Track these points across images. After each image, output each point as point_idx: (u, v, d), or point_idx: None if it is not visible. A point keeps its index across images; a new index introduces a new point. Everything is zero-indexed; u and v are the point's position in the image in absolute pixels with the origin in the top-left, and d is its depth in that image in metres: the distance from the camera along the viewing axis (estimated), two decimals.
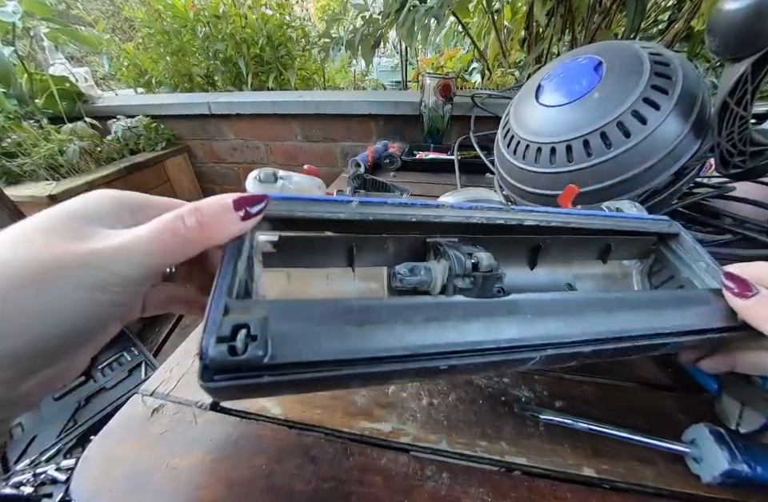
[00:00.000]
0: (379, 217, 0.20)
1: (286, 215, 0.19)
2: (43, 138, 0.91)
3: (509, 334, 0.16)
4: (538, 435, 0.24)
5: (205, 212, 0.16)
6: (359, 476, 0.23)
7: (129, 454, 0.25)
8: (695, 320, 0.20)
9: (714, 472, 0.20)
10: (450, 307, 0.17)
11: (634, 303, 0.20)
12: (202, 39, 1.31)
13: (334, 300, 0.16)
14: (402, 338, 0.15)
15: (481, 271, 0.19)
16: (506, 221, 0.23)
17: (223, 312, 0.13)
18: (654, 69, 0.39)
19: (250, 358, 0.12)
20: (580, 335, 0.17)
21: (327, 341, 0.14)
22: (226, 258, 0.16)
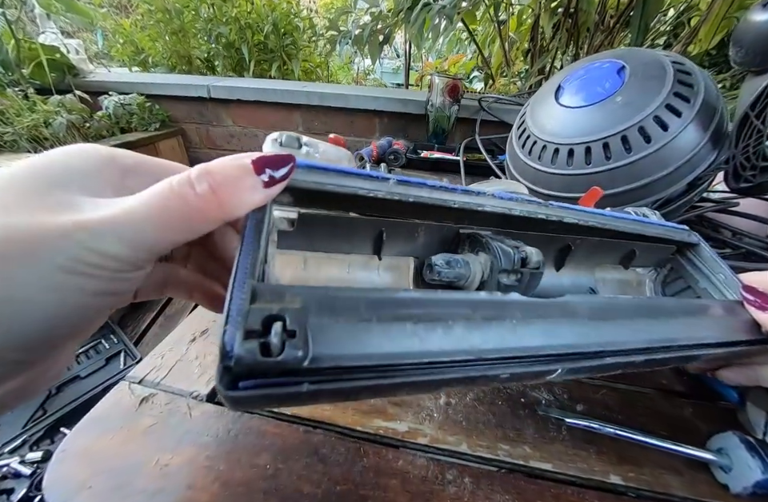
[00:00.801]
0: (419, 200, 0.18)
1: (314, 187, 0.16)
2: (28, 108, 0.85)
3: (568, 339, 0.14)
4: (561, 439, 0.23)
5: (219, 175, 0.12)
6: (374, 479, 0.21)
7: (113, 448, 0.22)
8: (724, 331, 0.19)
9: (746, 483, 0.20)
10: (508, 306, 0.15)
11: (675, 311, 0.19)
12: (205, 21, 1.27)
13: (379, 290, 0.13)
14: (463, 340, 0.12)
15: (529, 267, 0.18)
16: (547, 216, 0.21)
17: (250, 299, 0.10)
18: (677, 77, 0.39)
19: (287, 359, 0.09)
20: (636, 342, 0.16)
21: (377, 341, 0.11)
22: (248, 233, 0.13)
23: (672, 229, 0.26)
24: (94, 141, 0.94)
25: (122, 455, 0.22)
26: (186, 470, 0.21)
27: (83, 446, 0.23)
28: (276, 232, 0.18)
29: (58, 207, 0.11)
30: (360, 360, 0.11)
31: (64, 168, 0.12)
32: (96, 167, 0.13)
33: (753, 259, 0.44)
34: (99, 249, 0.11)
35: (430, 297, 0.14)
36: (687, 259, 0.28)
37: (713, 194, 0.55)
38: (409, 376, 0.11)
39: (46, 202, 0.11)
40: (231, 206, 0.13)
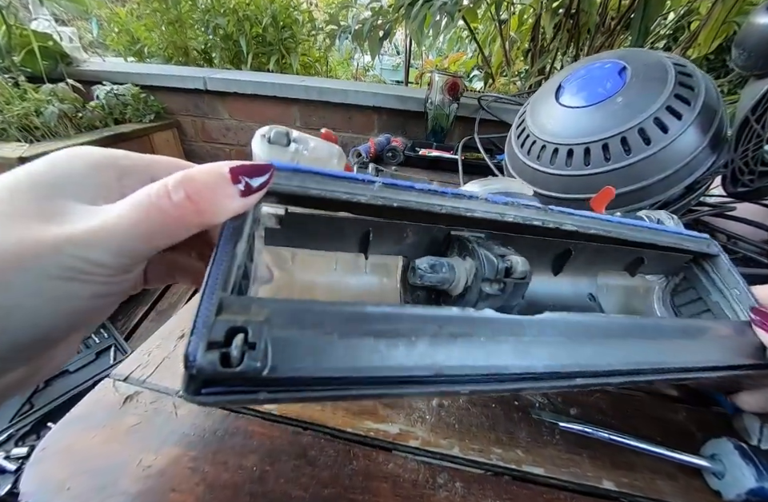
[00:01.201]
0: (404, 205, 0.17)
1: (298, 192, 0.16)
2: (18, 96, 0.83)
3: (540, 360, 0.14)
4: (554, 443, 0.23)
5: (196, 183, 0.13)
6: (364, 482, 0.20)
7: (95, 447, 0.22)
8: (724, 354, 0.19)
9: (739, 490, 0.20)
10: (479, 322, 0.14)
11: (666, 331, 0.19)
12: (203, 11, 1.24)
13: (350, 304, 0.13)
14: (425, 357, 0.12)
15: (513, 277, 0.17)
16: (543, 223, 0.20)
17: (216, 311, 0.11)
18: (679, 79, 0.39)
19: (246, 370, 0.10)
20: (614, 364, 0.16)
21: (338, 354, 0.11)
22: (221, 242, 0.13)
23: (689, 237, 0.25)
24: (87, 132, 0.93)
25: (103, 455, 0.21)
26: (170, 471, 0.21)
27: (64, 445, 0.22)
28: (263, 228, 0.18)
29: (52, 216, 0.12)
30: (318, 373, 0.11)
31: (60, 175, 0.13)
32: (91, 171, 0.13)
33: (750, 264, 0.44)
34: (88, 259, 0.12)
35: (398, 312, 0.13)
36: (702, 269, 0.26)
37: (710, 198, 0.55)
38: (365, 390, 0.12)
39: (41, 211, 0.12)
40: (209, 214, 0.13)
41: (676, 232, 0.25)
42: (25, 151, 0.74)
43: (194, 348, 0.10)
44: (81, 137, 0.86)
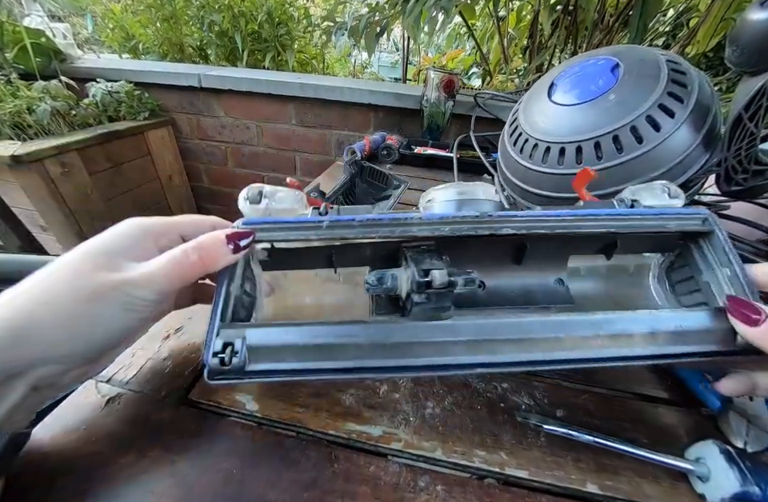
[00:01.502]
0: (347, 241, 0.23)
1: (271, 239, 0.22)
2: (11, 94, 0.82)
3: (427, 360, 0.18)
4: (539, 446, 0.23)
5: (204, 249, 0.20)
6: (344, 485, 0.20)
7: (74, 449, 0.22)
8: (694, 342, 0.19)
9: (724, 494, 0.19)
10: (391, 329, 0.19)
11: (598, 324, 0.19)
12: (197, 8, 1.23)
13: (303, 325, 0.19)
14: (349, 357, 0.18)
15: (435, 288, 0.20)
16: (477, 231, 0.22)
17: (216, 334, 0.19)
18: (671, 77, 0.38)
19: (233, 367, 0.18)
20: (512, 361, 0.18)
21: (290, 357, 0.18)
22: (218, 286, 0.21)
23: (676, 215, 0.23)
24: (81, 129, 0.92)
25: (82, 456, 0.21)
26: (149, 473, 0.21)
27: (44, 446, 0.22)
28: (258, 260, 0.25)
29: (116, 269, 0.19)
30: (277, 367, 0.18)
31: (118, 243, 0.20)
32: (137, 238, 0.20)
33: None
34: (137, 296, 0.19)
35: (331, 329, 0.19)
36: (698, 246, 0.24)
37: (704, 197, 0.54)
38: (309, 376, 0.18)
39: (110, 266, 0.19)
40: (212, 266, 0.20)
41: (658, 213, 0.23)
42: (17, 149, 0.73)
43: (206, 356, 0.18)
44: (74, 135, 0.86)
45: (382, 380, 0.20)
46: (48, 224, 0.81)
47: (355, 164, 0.54)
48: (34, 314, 0.16)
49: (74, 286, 0.17)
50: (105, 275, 0.18)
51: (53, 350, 0.17)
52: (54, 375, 0.18)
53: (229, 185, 1.24)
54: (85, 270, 0.18)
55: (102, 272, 0.18)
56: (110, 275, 0.18)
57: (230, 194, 1.26)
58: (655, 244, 0.26)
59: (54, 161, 0.79)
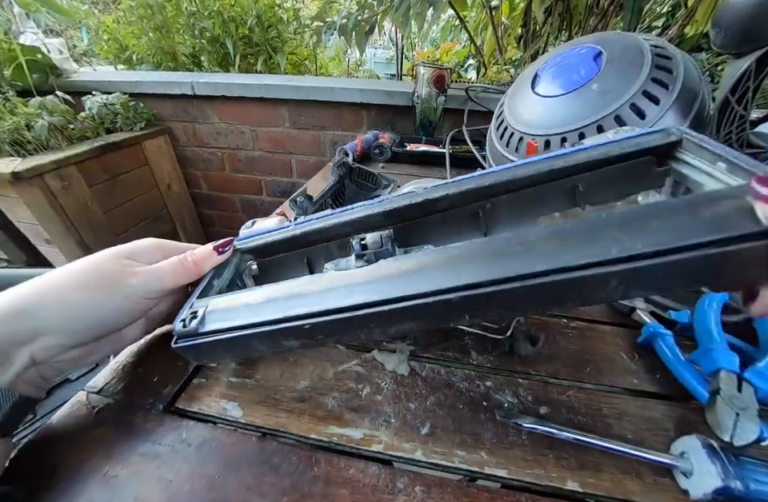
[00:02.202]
0: (307, 229, 0.26)
1: (253, 245, 0.28)
2: (9, 111, 0.84)
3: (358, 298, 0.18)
4: (521, 444, 0.23)
5: (198, 254, 0.26)
6: (324, 488, 0.20)
7: (65, 458, 0.22)
8: (675, 233, 0.14)
9: (706, 489, 0.19)
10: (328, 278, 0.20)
11: (557, 234, 0.16)
12: (187, 15, 1.24)
13: (254, 291, 0.22)
14: (280, 309, 0.19)
15: (369, 249, 0.23)
16: (411, 201, 0.24)
17: (190, 306, 0.22)
18: (656, 62, 0.37)
19: (190, 329, 0.20)
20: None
21: (236, 318, 0.20)
22: (204, 277, 0.26)
23: (630, 139, 0.21)
24: (78, 143, 0.94)
25: (72, 466, 0.22)
26: (135, 481, 0.21)
27: (37, 455, 0.22)
28: (251, 276, 0.29)
29: (129, 265, 0.23)
30: (226, 325, 0.20)
31: (137, 251, 0.25)
32: (151, 251, 0.26)
33: None
34: (137, 287, 0.23)
35: (278, 287, 0.21)
36: (682, 162, 0.21)
37: None
38: (250, 330, 0.19)
39: (128, 264, 0.24)
40: (203, 269, 0.26)
41: (608, 142, 0.21)
42: (17, 166, 0.75)
43: (176, 323, 0.21)
44: (72, 149, 0.87)
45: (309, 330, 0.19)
46: (51, 236, 0.83)
47: (343, 165, 0.54)
48: (41, 294, 0.21)
49: (87, 275, 0.22)
50: (124, 269, 0.23)
51: (51, 324, 0.21)
52: (54, 347, 0.21)
53: (227, 191, 1.25)
54: (105, 264, 0.23)
55: (123, 268, 0.23)
56: (128, 269, 0.23)
57: (228, 199, 1.28)
58: (630, 179, 0.23)
59: (54, 175, 0.80)
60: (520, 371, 0.28)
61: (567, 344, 0.30)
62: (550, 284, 0.15)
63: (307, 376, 0.27)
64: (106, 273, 0.22)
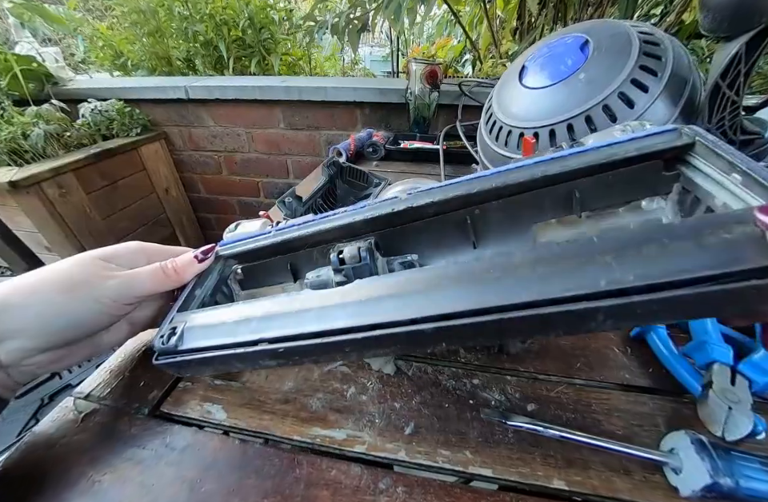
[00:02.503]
0: (289, 237, 0.25)
1: (236, 252, 0.27)
2: (5, 121, 0.85)
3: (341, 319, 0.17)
4: (506, 442, 0.22)
5: (179, 262, 0.25)
6: (305, 490, 0.20)
7: (51, 464, 0.22)
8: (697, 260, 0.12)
9: (695, 486, 0.18)
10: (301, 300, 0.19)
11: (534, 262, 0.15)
12: (180, 20, 1.24)
13: (231, 307, 0.21)
14: (255, 331, 0.19)
15: (347, 264, 0.22)
16: (394, 209, 0.23)
17: (170, 321, 0.22)
18: (644, 49, 0.36)
19: (169, 347, 0.20)
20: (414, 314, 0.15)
21: (213, 336, 0.20)
22: (185, 289, 0.25)
23: (634, 141, 0.19)
24: (75, 150, 0.94)
25: (58, 471, 0.22)
26: (118, 486, 0.21)
27: (24, 462, 0.22)
28: (237, 280, 0.29)
29: (106, 268, 0.23)
30: (203, 344, 0.20)
31: (117, 254, 0.25)
32: (133, 254, 0.25)
33: None
34: (120, 293, 0.23)
35: (252, 305, 0.21)
36: (693, 168, 0.19)
37: None
38: (225, 351, 0.19)
39: (106, 268, 0.23)
40: (184, 277, 0.25)
41: (605, 144, 0.19)
42: (15, 175, 0.75)
43: (155, 339, 0.21)
44: (69, 156, 0.88)
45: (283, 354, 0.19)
46: (51, 244, 0.84)
47: (333, 165, 0.54)
48: (11, 298, 0.20)
49: (57, 277, 0.22)
50: (101, 272, 0.22)
51: (21, 327, 0.20)
52: (20, 350, 0.20)
53: (225, 193, 1.26)
54: (78, 267, 0.22)
55: (100, 271, 0.23)
56: (106, 273, 0.23)
57: (227, 202, 1.28)
58: (633, 184, 0.21)
59: (51, 183, 0.81)
60: (508, 368, 0.27)
61: (558, 340, 0.30)
62: (531, 317, 0.14)
63: (293, 378, 0.27)
64: (78, 276, 0.22)
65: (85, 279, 0.22)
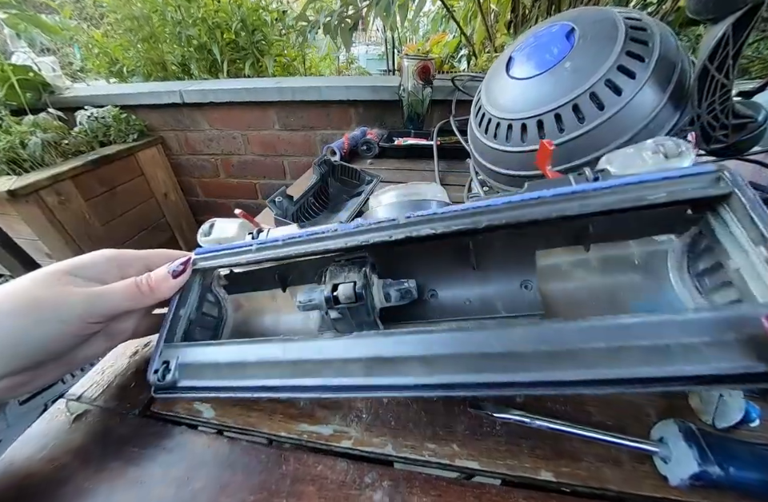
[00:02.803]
0: (272, 257, 0.24)
1: (215, 265, 0.26)
2: (3, 131, 0.86)
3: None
4: (494, 435, 0.22)
5: (153, 278, 0.24)
6: (290, 486, 0.20)
7: (41, 468, 0.22)
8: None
9: (683, 475, 0.18)
10: (289, 348, 0.20)
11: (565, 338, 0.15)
12: (173, 24, 1.24)
13: (221, 347, 0.22)
14: (253, 377, 0.20)
15: (342, 304, 0.20)
16: (392, 237, 0.20)
17: (159, 354, 0.22)
18: (630, 35, 0.36)
19: (167, 383, 0.21)
20: None
21: (210, 374, 0.21)
22: (169, 309, 0.24)
23: (668, 180, 0.17)
24: (73, 158, 0.95)
25: (49, 473, 0.22)
26: (109, 486, 0.21)
27: (15, 466, 0.23)
28: (221, 285, 0.29)
29: (68, 282, 0.21)
30: (199, 384, 0.21)
31: (85, 265, 0.23)
32: (102, 265, 0.24)
33: None
34: (91, 312, 0.21)
35: (245, 348, 0.21)
36: (719, 218, 0.17)
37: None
38: (227, 393, 0.20)
39: (72, 282, 0.22)
40: (160, 294, 0.24)
41: (634, 182, 0.17)
42: (13, 183, 0.76)
43: (150, 373, 0.22)
44: (67, 164, 0.89)
45: (287, 399, 0.21)
46: (52, 251, 0.85)
47: (325, 163, 0.54)
48: None
49: (12, 297, 0.20)
50: (66, 289, 0.21)
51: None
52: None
53: (223, 196, 1.27)
54: (41, 284, 0.21)
55: (65, 287, 0.21)
56: (71, 289, 0.21)
57: (225, 205, 1.29)
58: (652, 223, 0.20)
59: (50, 191, 0.82)
60: None
61: None
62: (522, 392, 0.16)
63: None
64: (40, 294, 0.20)
65: (47, 298, 0.20)
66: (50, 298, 0.20)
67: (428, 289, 0.26)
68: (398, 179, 0.68)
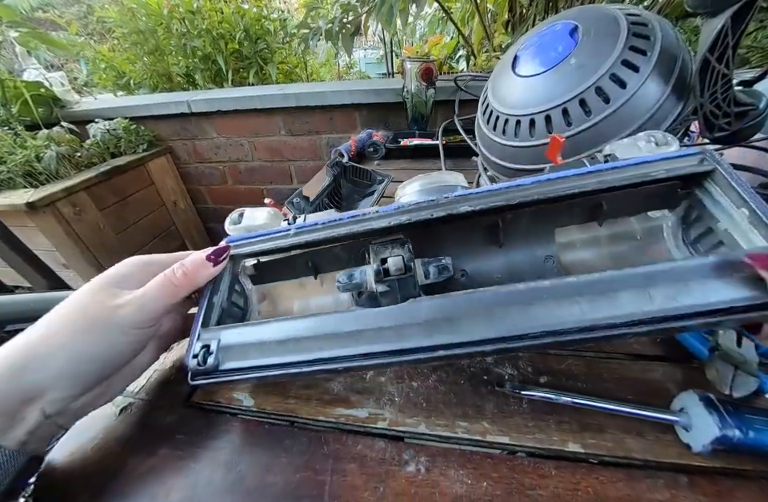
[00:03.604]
0: (312, 239, 0.24)
1: (249, 252, 0.26)
2: (19, 146, 0.89)
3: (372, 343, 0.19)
4: (521, 412, 0.23)
5: (188, 265, 0.23)
6: (333, 465, 0.21)
7: (92, 456, 0.24)
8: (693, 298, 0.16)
9: (705, 440, 0.19)
10: (343, 319, 0.20)
11: (573, 289, 0.17)
12: (178, 37, 1.28)
13: (265, 326, 0.21)
14: (309, 350, 0.19)
15: (392, 276, 0.21)
16: (433, 215, 0.22)
17: (197, 338, 0.22)
18: (632, 30, 0.37)
19: (209, 367, 0.20)
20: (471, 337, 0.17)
21: (256, 353, 0.20)
22: (201, 298, 0.24)
23: (665, 160, 0.21)
24: (86, 169, 0.98)
25: (100, 462, 0.23)
26: (159, 469, 0.22)
27: (67, 455, 0.24)
28: (247, 275, 0.28)
29: (115, 297, 0.22)
30: (246, 364, 0.20)
31: (124, 274, 0.23)
32: (137, 272, 0.24)
33: None
34: (127, 318, 0.21)
35: (291, 324, 0.21)
36: (705, 191, 0.21)
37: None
38: (272, 371, 0.20)
39: (112, 294, 0.22)
40: (197, 281, 0.23)
41: (638, 161, 0.21)
42: (31, 196, 0.79)
43: (187, 358, 0.21)
44: (81, 176, 0.91)
45: (340, 372, 0.20)
46: (68, 261, 0.87)
47: (337, 165, 0.55)
48: (36, 347, 0.19)
49: (72, 319, 0.21)
50: (108, 301, 0.21)
51: (56, 376, 0.19)
52: (62, 399, 0.20)
53: (231, 203, 1.29)
54: (89, 303, 0.21)
55: (106, 300, 0.21)
56: (112, 300, 0.21)
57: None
58: (651, 199, 0.23)
59: (66, 202, 0.85)
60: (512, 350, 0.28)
61: None
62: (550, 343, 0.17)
63: None
64: (93, 313, 0.21)
65: (100, 315, 0.21)
66: (103, 313, 0.21)
67: (459, 270, 0.27)
68: (406, 179, 0.69)
